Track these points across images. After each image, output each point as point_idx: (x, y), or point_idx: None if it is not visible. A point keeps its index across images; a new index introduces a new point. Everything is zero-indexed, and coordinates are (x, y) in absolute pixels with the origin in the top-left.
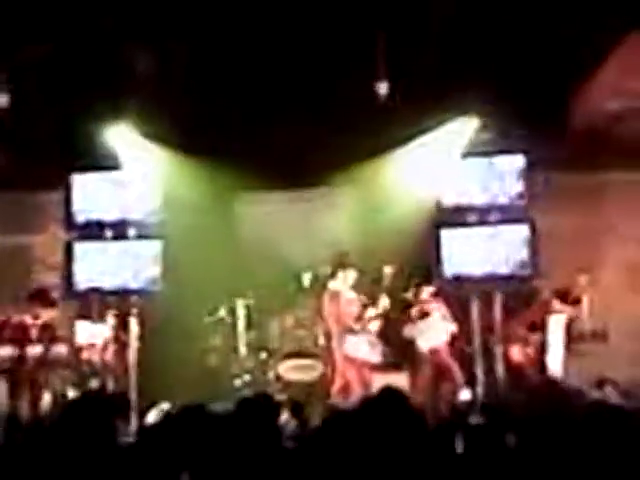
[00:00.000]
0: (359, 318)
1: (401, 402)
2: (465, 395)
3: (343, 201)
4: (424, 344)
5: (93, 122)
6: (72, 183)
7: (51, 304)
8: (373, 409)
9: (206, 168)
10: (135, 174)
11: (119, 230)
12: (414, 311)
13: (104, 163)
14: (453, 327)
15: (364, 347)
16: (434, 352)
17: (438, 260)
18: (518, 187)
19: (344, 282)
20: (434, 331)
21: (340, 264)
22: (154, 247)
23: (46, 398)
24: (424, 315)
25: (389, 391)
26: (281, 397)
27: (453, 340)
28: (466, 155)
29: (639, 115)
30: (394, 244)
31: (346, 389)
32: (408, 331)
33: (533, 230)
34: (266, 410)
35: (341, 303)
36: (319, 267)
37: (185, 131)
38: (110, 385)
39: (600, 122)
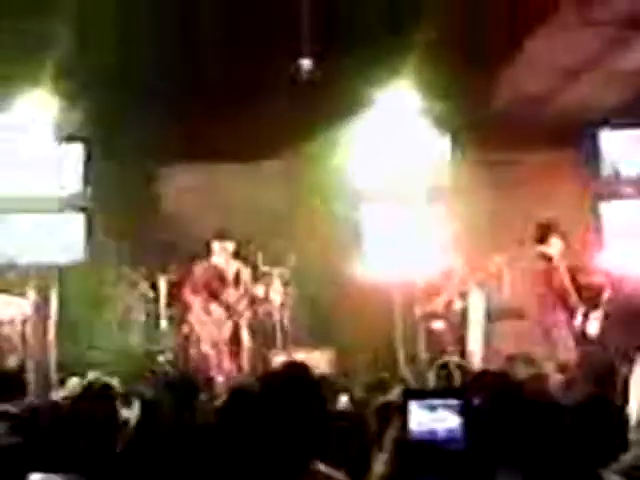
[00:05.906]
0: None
1: (303, 377)
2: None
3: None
4: None
5: None
6: None
7: None
8: (274, 383)
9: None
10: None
11: None
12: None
13: None
14: None
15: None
16: None
17: None
18: None
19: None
20: None
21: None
22: (76, 220)
23: None
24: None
25: (291, 366)
26: None
27: None
28: None
29: (561, 95)
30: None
31: None
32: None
33: None
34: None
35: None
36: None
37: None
38: (29, 362)
39: (520, 103)
